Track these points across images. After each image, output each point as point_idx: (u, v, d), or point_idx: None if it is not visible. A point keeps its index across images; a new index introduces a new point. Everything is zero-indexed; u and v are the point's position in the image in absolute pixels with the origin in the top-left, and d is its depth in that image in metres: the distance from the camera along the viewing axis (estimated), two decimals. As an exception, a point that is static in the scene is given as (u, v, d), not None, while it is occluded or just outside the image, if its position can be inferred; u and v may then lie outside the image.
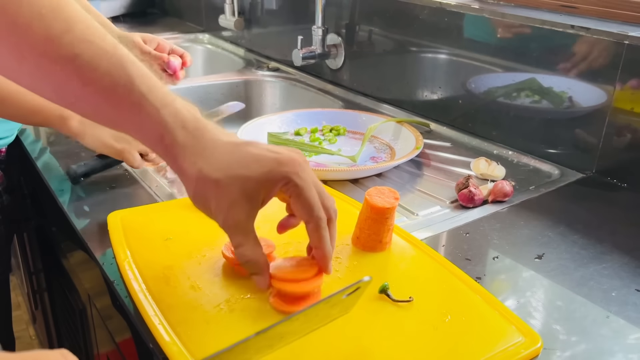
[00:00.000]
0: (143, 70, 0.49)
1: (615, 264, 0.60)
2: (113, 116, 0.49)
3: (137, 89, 0.48)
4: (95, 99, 0.48)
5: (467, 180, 0.74)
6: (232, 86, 1.33)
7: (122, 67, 0.48)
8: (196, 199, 0.49)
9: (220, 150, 0.49)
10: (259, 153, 0.49)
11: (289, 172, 0.48)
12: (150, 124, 0.48)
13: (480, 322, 0.49)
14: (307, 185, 0.49)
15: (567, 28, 0.82)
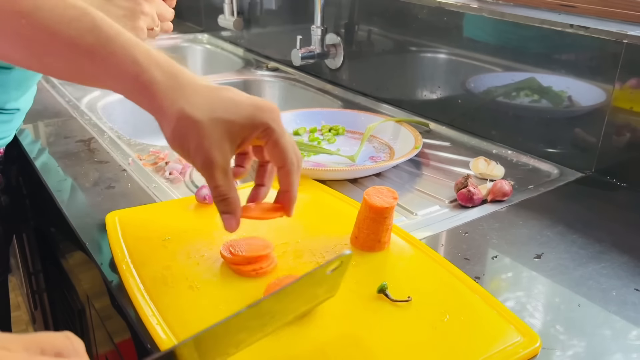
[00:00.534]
0: (107, 18, 0.49)
1: (615, 263, 0.60)
2: (84, 65, 0.49)
3: (105, 32, 0.48)
4: (64, 49, 0.48)
5: (466, 179, 0.74)
6: (231, 86, 1.33)
7: (86, 14, 0.48)
8: (174, 139, 0.49)
9: (200, 92, 0.49)
10: (238, 99, 0.50)
11: (268, 118, 0.49)
12: (123, 64, 0.48)
13: (478, 321, 0.49)
14: (283, 131, 0.50)
15: (566, 27, 0.81)
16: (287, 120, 1.00)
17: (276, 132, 0.50)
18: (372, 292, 0.52)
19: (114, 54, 0.48)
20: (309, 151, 0.90)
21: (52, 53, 0.49)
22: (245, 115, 0.49)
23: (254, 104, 0.50)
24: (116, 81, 0.49)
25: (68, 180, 0.79)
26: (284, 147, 0.50)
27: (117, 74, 0.48)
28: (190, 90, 0.49)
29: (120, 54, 0.48)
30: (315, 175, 0.78)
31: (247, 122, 0.49)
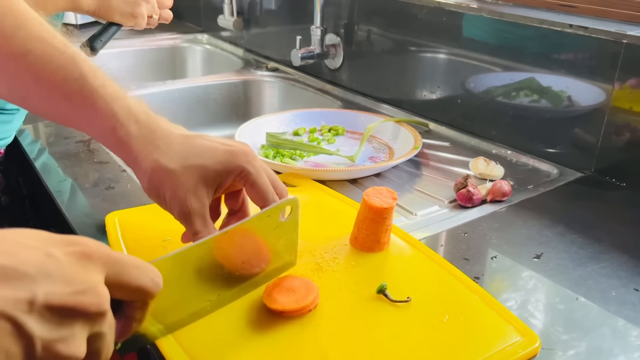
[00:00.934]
0: (94, 67, 0.50)
1: (614, 263, 0.60)
2: (65, 111, 0.50)
3: (89, 84, 0.49)
4: (48, 93, 0.49)
5: (466, 179, 0.74)
6: (231, 86, 1.33)
7: (74, 63, 0.49)
8: (150, 190, 0.50)
9: (175, 142, 0.50)
10: (212, 145, 0.51)
11: (242, 161, 0.50)
12: (102, 117, 0.49)
13: (478, 322, 0.49)
14: (259, 172, 0.51)
15: (566, 27, 0.81)
16: (287, 120, 1.00)
17: (252, 174, 0.50)
18: (372, 293, 0.52)
19: (95, 106, 0.49)
20: (308, 151, 0.90)
21: (35, 95, 0.50)
22: (220, 160, 0.50)
23: (227, 149, 0.51)
24: (94, 131, 0.51)
25: (68, 181, 0.79)
26: (261, 188, 0.51)
27: (96, 125, 0.50)
28: (165, 141, 0.50)
29: (101, 107, 0.49)
30: (315, 175, 0.78)
31: (221, 167, 0.50)
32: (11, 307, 0.27)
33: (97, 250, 0.32)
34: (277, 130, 0.97)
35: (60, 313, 0.29)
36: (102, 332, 0.32)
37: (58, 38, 0.50)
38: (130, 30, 1.74)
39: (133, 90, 1.21)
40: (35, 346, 0.28)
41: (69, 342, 0.30)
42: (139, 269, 0.35)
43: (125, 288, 0.34)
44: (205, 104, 1.30)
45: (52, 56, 0.49)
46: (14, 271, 0.28)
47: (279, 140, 0.92)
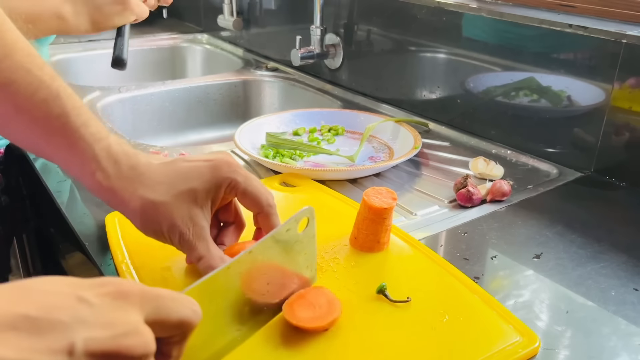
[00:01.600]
0: (78, 104, 0.49)
1: (613, 263, 0.60)
2: (44, 147, 0.49)
3: (71, 122, 0.48)
4: (28, 127, 0.48)
5: (466, 179, 0.74)
6: (231, 86, 1.33)
7: (58, 98, 0.48)
8: (146, 227, 0.49)
9: (157, 173, 0.49)
10: (194, 165, 0.50)
11: (228, 172, 0.50)
12: (82, 159, 0.48)
13: (478, 322, 0.49)
14: (248, 179, 0.50)
15: (565, 27, 0.82)
16: (286, 120, 1.00)
17: (241, 183, 0.50)
18: (372, 293, 0.52)
19: (75, 146, 0.48)
20: (308, 151, 0.90)
21: (15, 126, 0.49)
22: (206, 179, 0.49)
23: (210, 165, 0.50)
24: (73, 172, 0.50)
25: (68, 181, 0.79)
26: (254, 193, 0.50)
27: (75, 166, 0.49)
28: (148, 175, 0.49)
29: (81, 148, 0.48)
30: (315, 175, 0.78)
31: (209, 185, 0.49)
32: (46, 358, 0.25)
33: (131, 288, 0.31)
34: (276, 130, 0.97)
35: (102, 358, 0.27)
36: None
37: (46, 70, 0.48)
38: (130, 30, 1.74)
39: (133, 90, 1.21)
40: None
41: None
42: (176, 301, 0.32)
43: (166, 324, 0.32)
44: (205, 104, 1.31)
45: (37, 89, 0.47)
46: (46, 321, 0.26)
47: (278, 140, 0.92)
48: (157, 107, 1.24)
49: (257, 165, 0.85)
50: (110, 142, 0.50)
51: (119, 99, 1.19)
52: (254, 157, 0.83)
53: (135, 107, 1.22)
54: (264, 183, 0.76)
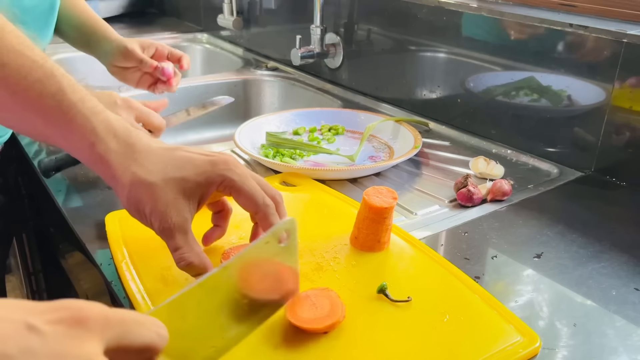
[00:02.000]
0: (73, 81, 0.49)
1: (614, 262, 0.60)
2: (41, 127, 0.49)
3: (68, 98, 0.48)
4: (24, 108, 0.48)
5: (466, 179, 0.73)
6: (231, 86, 1.33)
7: (53, 77, 0.48)
8: (130, 205, 0.49)
9: (154, 154, 0.49)
10: (192, 156, 0.50)
11: (223, 170, 0.49)
12: (80, 132, 0.48)
13: (478, 321, 0.49)
14: (244, 178, 0.50)
15: (566, 26, 0.81)
16: (287, 119, 1.00)
17: (236, 182, 0.49)
18: (372, 292, 0.52)
19: (73, 121, 0.48)
20: (308, 151, 0.90)
21: (9, 110, 0.49)
22: (200, 171, 0.49)
23: (208, 159, 0.50)
24: (71, 147, 0.50)
25: (67, 180, 0.78)
26: (249, 193, 0.50)
27: (74, 141, 0.49)
28: (144, 154, 0.49)
29: (80, 122, 0.48)
30: (315, 175, 0.78)
31: (202, 178, 0.49)
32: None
33: (91, 314, 0.27)
34: (277, 130, 0.97)
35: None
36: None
37: (36, 51, 0.49)
38: (129, 29, 1.74)
39: (132, 90, 1.21)
40: None
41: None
42: (141, 325, 0.30)
43: (129, 349, 0.29)
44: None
45: (30, 69, 0.47)
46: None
47: (278, 139, 0.92)
48: (156, 106, 1.24)
49: (257, 164, 0.85)
50: (109, 116, 0.50)
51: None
52: (254, 156, 0.83)
53: (135, 107, 1.21)
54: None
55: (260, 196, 0.50)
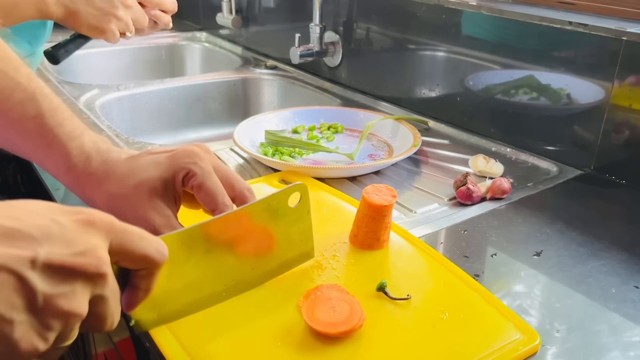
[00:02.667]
0: (54, 104, 0.51)
1: (614, 260, 0.60)
2: (22, 146, 0.51)
3: (46, 122, 0.49)
4: (5, 128, 0.50)
5: (465, 177, 0.73)
6: (230, 84, 1.33)
7: (34, 100, 0.49)
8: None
9: (121, 166, 0.50)
10: (154, 157, 0.50)
11: (186, 162, 0.49)
12: (56, 157, 0.50)
13: (478, 319, 0.49)
14: (207, 173, 0.49)
15: (565, 24, 0.81)
16: (286, 118, 1.00)
17: (198, 176, 0.49)
18: (372, 290, 0.52)
19: (50, 146, 0.50)
20: (307, 149, 0.90)
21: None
22: (163, 168, 0.49)
23: (169, 155, 0.50)
24: (50, 170, 0.51)
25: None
26: (209, 190, 0.49)
27: (50, 165, 0.51)
28: (113, 170, 0.50)
29: (55, 148, 0.50)
30: (314, 173, 0.77)
31: (166, 174, 0.49)
32: (15, 263, 0.30)
33: (100, 218, 0.34)
34: (276, 128, 0.97)
35: (60, 272, 0.31)
36: (104, 296, 0.34)
37: (22, 71, 0.50)
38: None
39: (132, 89, 1.21)
40: (37, 299, 0.30)
41: (70, 298, 0.32)
42: (143, 238, 0.36)
43: (130, 256, 0.35)
44: (204, 102, 1.30)
45: (13, 91, 0.49)
46: (20, 233, 0.30)
47: (277, 138, 0.92)
48: (155, 105, 1.24)
49: (257, 163, 0.85)
50: (84, 140, 0.51)
51: (118, 97, 1.18)
52: (253, 154, 0.82)
53: (134, 106, 1.21)
54: (263, 181, 0.76)
55: (220, 195, 0.49)
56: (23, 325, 0.30)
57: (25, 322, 0.30)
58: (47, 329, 0.31)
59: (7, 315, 0.29)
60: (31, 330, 0.31)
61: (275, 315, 0.49)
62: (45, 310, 0.31)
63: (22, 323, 0.30)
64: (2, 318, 0.29)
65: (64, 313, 0.32)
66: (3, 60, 0.49)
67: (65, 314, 0.32)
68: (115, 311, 0.36)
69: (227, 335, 0.47)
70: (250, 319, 0.49)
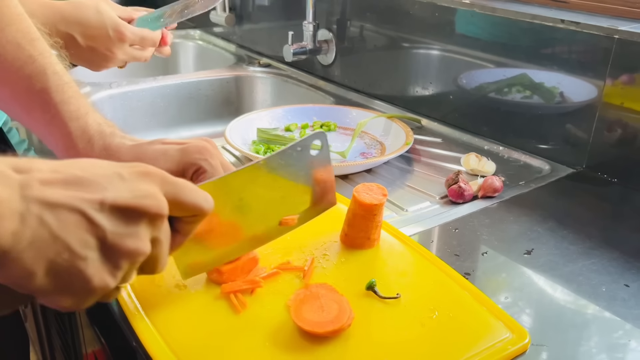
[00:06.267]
0: (63, 81, 0.50)
1: (604, 259, 0.60)
2: (25, 119, 0.51)
3: (52, 98, 0.49)
4: (11, 98, 0.50)
5: (457, 175, 0.73)
6: (223, 82, 1.32)
7: (43, 74, 0.49)
8: None
9: (126, 154, 0.50)
10: (165, 147, 0.50)
11: (197, 159, 0.49)
12: (57, 134, 0.50)
13: (467, 318, 0.49)
14: (216, 171, 0.50)
15: (558, 23, 0.81)
16: (278, 116, 1.00)
17: (208, 173, 0.50)
18: (361, 289, 0.52)
19: (51, 123, 0.50)
20: (300, 147, 0.90)
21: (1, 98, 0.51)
22: (173, 161, 0.49)
23: (180, 148, 0.50)
24: (48, 143, 0.52)
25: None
26: None
27: (51, 141, 0.51)
28: (117, 156, 0.50)
29: (57, 125, 0.50)
30: (306, 171, 0.77)
31: (175, 167, 0.49)
32: (85, 205, 0.33)
33: (155, 170, 0.37)
34: (268, 126, 0.97)
35: (125, 213, 0.34)
36: (160, 238, 0.37)
37: (36, 45, 0.50)
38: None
39: (124, 86, 1.20)
40: (106, 238, 0.33)
41: (135, 238, 0.35)
42: (192, 190, 0.39)
43: (181, 204, 0.38)
44: (197, 100, 1.30)
45: (23, 64, 0.49)
46: (88, 180, 0.34)
47: (269, 136, 0.92)
48: (148, 103, 1.23)
49: (248, 160, 0.85)
50: (88, 121, 0.51)
51: (110, 95, 1.18)
52: (244, 152, 0.82)
53: (126, 103, 1.20)
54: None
55: None
56: (96, 263, 0.33)
57: (97, 259, 0.33)
58: (116, 266, 0.34)
59: (81, 253, 0.32)
60: (103, 267, 0.34)
61: (264, 315, 0.49)
62: (114, 249, 0.34)
63: (95, 260, 0.33)
64: (77, 255, 0.32)
65: (131, 252, 0.35)
66: (20, 31, 0.49)
67: (132, 253, 0.35)
68: (166, 254, 0.39)
69: (215, 334, 0.47)
70: (238, 317, 0.48)
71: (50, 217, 0.31)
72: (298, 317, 0.46)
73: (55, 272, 0.32)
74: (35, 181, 0.32)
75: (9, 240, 0.29)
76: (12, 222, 0.30)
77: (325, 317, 0.46)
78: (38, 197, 0.31)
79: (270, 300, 0.50)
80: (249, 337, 0.46)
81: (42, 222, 0.31)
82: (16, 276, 0.31)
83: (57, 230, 0.31)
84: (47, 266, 0.31)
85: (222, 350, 0.45)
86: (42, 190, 0.32)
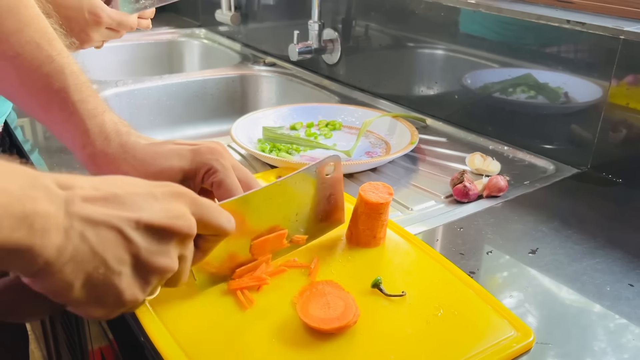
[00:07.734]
0: (80, 80, 0.51)
1: (609, 258, 0.60)
2: (43, 117, 0.52)
3: (69, 97, 0.50)
4: (30, 97, 0.51)
5: (462, 175, 0.73)
6: (228, 81, 1.32)
7: (61, 73, 0.50)
8: None
9: (141, 152, 0.51)
10: (178, 147, 0.51)
11: (209, 159, 0.50)
12: (74, 132, 0.51)
13: (472, 316, 0.49)
14: (227, 171, 0.51)
15: (563, 23, 0.81)
16: (284, 114, 1.00)
17: (219, 173, 0.50)
18: (367, 287, 0.52)
19: (69, 121, 0.51)
20: (305, 146, 0.90)
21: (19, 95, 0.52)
22: (187, 161, 0.50)
23: (192, 148, 0.51)
24: (65, 141, 0.53)
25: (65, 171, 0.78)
26: (228, 188, 0.50)
27: (68, 139, 0.52)
28: (132, 154, 0.51)
29: (75, 123, 0.51)
30: (311, 170, 0.77)
31: (188, 166, 0.50)
32: (123, 223, 0.34)
33: (185, 191, 0.39)
34: (274, 125, 0.97)
35: (159, 232, 0.36)
36: (186, 256, 0.39)
37: (55, 45, 0.51)
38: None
39: (130, 84, 1.21)
40: (140, 255, 0.35)
41: (165, 256, 0.37)
42: (217, 211, 0.41)
43: (206, 225, 0.40)
44: (203, 99, 1.30)
45: (42, 63, 0.49)
46: (125, 199, 0.35)
47: (275, 134, 0.92)
48: (154, 101, 1.24)
49: (254, 159, 0.85)
50: (105, 119, 0.52)
51: (116, 93, 1.18)
52: (250, 150, 0.83)
53: (132, 102, 1.21)
54: (260, 177, 0.76)
55: (238, 193, 0.51)
56: (128, 278, 0.35)
57: (130, 275, 0.35)
58: (146, 282, 0.36)
59: (116, 268, 0.34)
60: (134, 282, 0.36)
61: (271, 311, 0.49)
62: (146, 266, 0.36)
63: (128, 276, 0.35)
64: (113, 270, 0.34)
65: (161, 268, 0.37)
66: (38, 31, 0.50)
67: (162, 270, 0.37)
68: (188, 269, 0.41)
69: (222, 330, 0.47)
70: (245, 314, 0.49)
71: (91, 234, 0.33)
72: (304, 313, 0.47)
73: (91, 285, 0.34)
74: (78, 198, 0.33)
75: (53, 253, 0.31)
76: (58, 237, 0.31)
77: (331, 314, 0.47)
78: (81, 214, 0.33)
79: (277, 297, 0.51)
80: (255, 333, 0.47)
81: (83, 238, 0.32)
82: (56, 287, 0.32)
83: (97, 246, 0.33)
84: (84, 279, 0.33)
85: (229, 346, 0.45)
86: (84, 207, 0.33)
